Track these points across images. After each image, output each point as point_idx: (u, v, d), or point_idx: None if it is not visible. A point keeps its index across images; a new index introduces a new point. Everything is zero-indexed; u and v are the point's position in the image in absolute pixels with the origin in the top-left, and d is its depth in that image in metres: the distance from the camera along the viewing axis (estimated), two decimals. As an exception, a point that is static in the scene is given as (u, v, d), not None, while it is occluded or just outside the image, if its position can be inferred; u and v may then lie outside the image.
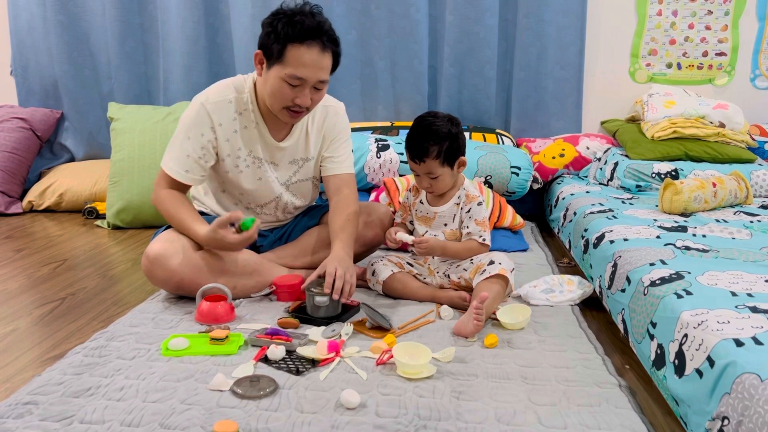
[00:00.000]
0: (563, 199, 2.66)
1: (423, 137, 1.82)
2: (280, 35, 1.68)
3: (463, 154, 1.88)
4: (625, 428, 1.22)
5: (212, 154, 1.86)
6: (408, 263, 1.97)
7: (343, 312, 1.76)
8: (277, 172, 1.96)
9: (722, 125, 2.86)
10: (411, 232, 2.00)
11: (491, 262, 1.81)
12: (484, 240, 1.89)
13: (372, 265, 1.96)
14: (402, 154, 2.76)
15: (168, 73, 3.24)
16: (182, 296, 1.89)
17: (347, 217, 1.89)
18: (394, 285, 1.90)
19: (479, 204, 1.89)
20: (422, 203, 1.97)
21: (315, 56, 1.70)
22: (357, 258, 2.09)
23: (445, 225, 1.92)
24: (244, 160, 1.89)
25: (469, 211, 1.89)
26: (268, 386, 1.35)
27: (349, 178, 2.01)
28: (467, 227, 1.90)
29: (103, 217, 2.98)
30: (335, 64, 1.80)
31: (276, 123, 1.90)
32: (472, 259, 1.88)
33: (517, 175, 2.76)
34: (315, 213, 2.11)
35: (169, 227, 1.90)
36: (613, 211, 2.23)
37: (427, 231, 1.94)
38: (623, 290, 1.64)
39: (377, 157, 2.76)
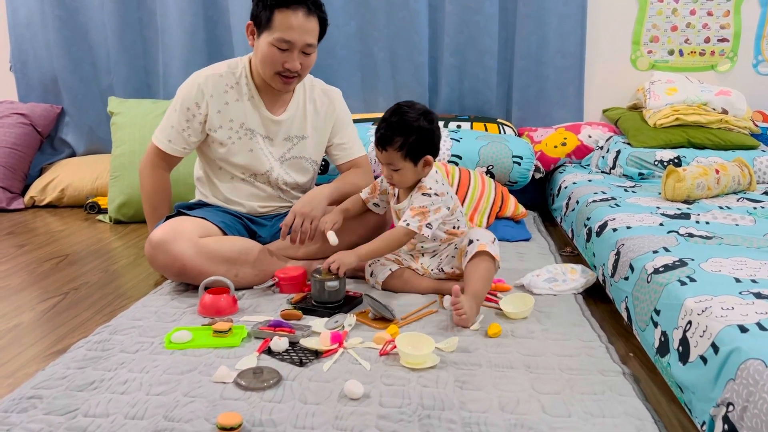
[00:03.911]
0: (565, 188, 2.65)
1: (390, 126, 1.74)
2: (267, 3, 1.81)
3: (432, 153, 1.78)
4: (630, 416, 1.22)
5: (197, 129, 1.94)
6: (405, 259, 1.95)
7: (347, 303, 1.76)
8: (273, 147, 2.01)
9: (725, 112, 2.84)
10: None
11: (470, 242, 1.77)
12: (408, 225, 1.75)
13: (369, 266, 1.94)
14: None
15: (167, 66, 3.23)
16: (185, 289, 1.89)
17: (343, 177, 2.05)
18: (394, 282, 1.88)
19: (424, 194, 1.78)
20: (395, 196, 1.92)
21: (301, 20, 1.80)
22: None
23: None
24: (236, 132, 1.96)
25: (412, 201, 1.80)
26: (271, 378, 1.35)
27: (362, 160, 2.12)
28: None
29: (105, 212, 2.98)
30: (322, 31, 1.88)
31: (272, 97, 1.97)
32: (456, 246, 1.86)
33: (519, 164, 2.75)
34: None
35: (169, 217, 1.92)
36: (615, 199, 2.23)
37: None
38: (626, 278, 1.64)
39: (378, 148, 2.75)
